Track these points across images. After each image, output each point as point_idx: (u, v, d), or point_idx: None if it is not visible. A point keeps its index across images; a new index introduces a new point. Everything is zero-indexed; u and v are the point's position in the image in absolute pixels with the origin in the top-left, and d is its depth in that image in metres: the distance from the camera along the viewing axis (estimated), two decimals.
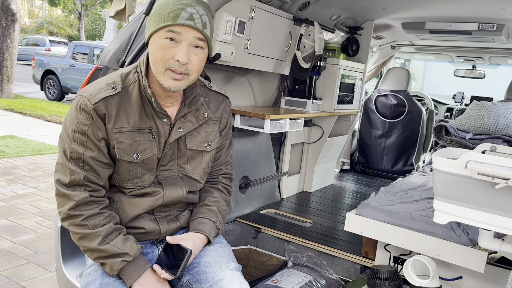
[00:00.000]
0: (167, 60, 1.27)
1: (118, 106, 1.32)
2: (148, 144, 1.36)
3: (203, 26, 1.29)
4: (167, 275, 1.29)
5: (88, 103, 1.28)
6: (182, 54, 1.26)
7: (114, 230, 1.31)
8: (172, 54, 1.27)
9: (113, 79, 1.35)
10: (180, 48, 1.27)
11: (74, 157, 1.29)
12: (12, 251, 3.04)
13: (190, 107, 1.42)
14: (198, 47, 1.30)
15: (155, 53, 1.28)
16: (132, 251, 1.30)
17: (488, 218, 1.21)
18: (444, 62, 5.61)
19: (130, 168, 1.35)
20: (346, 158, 4.50)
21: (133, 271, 1.29)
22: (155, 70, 1.30)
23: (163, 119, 1.37)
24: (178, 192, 1.42)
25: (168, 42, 1.27)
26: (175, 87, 1.30)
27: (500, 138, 2.50)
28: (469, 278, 1.89)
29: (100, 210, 1.31)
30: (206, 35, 1.30)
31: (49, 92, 11.37)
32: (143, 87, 1.34)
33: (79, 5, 24.66)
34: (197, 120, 1.44)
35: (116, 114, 1.31)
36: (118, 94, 1.32)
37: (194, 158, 1.46)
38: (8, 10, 9.61)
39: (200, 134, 1.46)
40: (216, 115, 1.51)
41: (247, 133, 2.81)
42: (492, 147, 1.41)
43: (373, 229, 1.99)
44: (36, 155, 5.77)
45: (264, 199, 3.01)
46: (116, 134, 1.31)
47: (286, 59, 2.84)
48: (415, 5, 2.90)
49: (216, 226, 1.47)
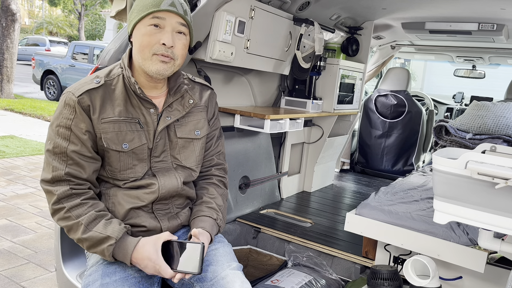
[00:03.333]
0: (153, 45, 1.33)
1: (102, 98, 1.36)
2: (136, 134, 1.38)
3: (184, 12, 1.38)
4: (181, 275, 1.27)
5: (73, 97, 1.32)
6: (167, 37, 1.33)
7: (97, 217, 1.31)
8: (157, 38, 1.33)
9: (97, 74, 1.41)
10: (164, 33, 1.34)
11: (58, 152, 1.32)
12: (12, 251, 3.04)
13: (175, 96, 1.47)
14: (181, 33, 1.38)
15: (141, 40, 1.34)
16: (114, 233, 1.28)
17: (488, 218, 1.21)
18: (444, 62, 5.61)
19: (120, 158, 1.37)
20: (346, 158, 4.50)
21: (124, 251, 1.29)
22: (142, 57, 1.35)
23: (149, 109, 1.41)
24: (173, 182, 1.43)
25: (152, 28, 1.34)
26: (163, 70, 1.36)
27: (500, 138, 2.50)
28: (469, 278, 1.89)
29: (82, 200, 1.31)
30: (187, 21, 1.39)
31: (49, 92, 11.37)
32: (127, 78, 1.39)
33: (79, 5, 24.64)
34: (183, 108, 1.49)
35: (100, 105, 1.35)
36: (102, 87, 1.37)
37: (186, 147, 1.49)
38: (8, 10, 9.61)
39: (189, 122, 1.50)
40: (202, 103, 1.56)
41: (247, 133, 2.81)
42: (492, 147, 1.41)
43: (373, 229, 1.99)
44: (36, 155, 5.77)
45: (264, 199, 3.01)
46: (102, 124, 1.34)
47: (286, 59, 2.84)
48: (415, 5, 2.90)
49: (217, 223, 1.48)
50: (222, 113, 2.53)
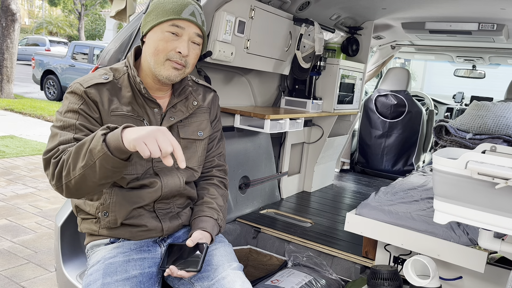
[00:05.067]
0: (168, 51, 1.34)
1: (109, 93, 1.36)
2: None
3: (202, 23, 1.40)
4: (184, 272, 1.28)
5: (81, 87, 1.32)
6: (183, 47, 1.35)
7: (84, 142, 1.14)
8: (173, 46, 1.35)
9: (104, 71, 1.41)
10: (181, 41, 1.35)
11: (66, 125, 1.26)
12: (12, 251, 3.04)
13: (180, 97, 1.48)
14: (196, 43, 1.40)
15: (156, 44, 1.35)
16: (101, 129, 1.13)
17: (488, 218, 1.21)
18: (444, 62, 5.61)
19: None
20: (346, 158, 4.50)
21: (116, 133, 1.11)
22: (155, 61, 1.35)
23: (154, 109, 1.42)
24: (175, 181, 1.44)
25: (170, 35, 1.35)
26: (173, 77, 1.37)
27: (500, 138, 2.50)
28: (469, 278, 1.89)
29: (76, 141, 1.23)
30: (204, 32, 1.41)
31: (49, 92, 11.37)
32: (132, 77, 1.39)
33: (79, 5, 24.64)
34: (187, 109, 1.50)
35: (108, 100, 1.35)
36: (110, 83, 1.37)
37: (189, 148, 1.49)
38: (8, 10, 9.61)
39: (192, 123, 1.51)
40: (206, 105, 1.57)
41: (247, 133, 2.82)
42: (492, 147, 1.41)
43: (373, 229, 1.99)
44: (36, 155, 5.77)
45: (264, 199, 3.01)
46: (112, 117, 1.34)
47: (286, 59, 2.84)
48: (415, 5, 2.90)
49: (218, 223, 1.49)
50: (222, 113, 2.53)
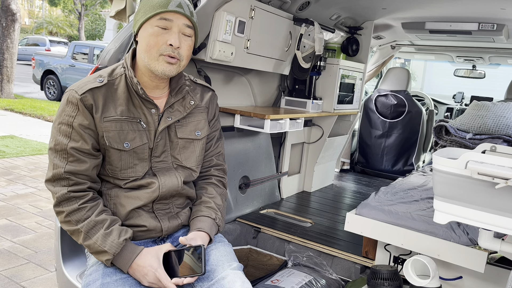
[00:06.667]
0: (160, 46, 1.35)
1: (105, 97, 1.36)
2: (137, 133, 1.39)
3: (190, 14, 1.40)
4: (190, 278, 1.29)
5: (76, 95, 1.33)
6: (174, 38, 1.35)
7: (96, 224, 1.31)
8: (164, 39, 1.35)
9: (100, 73, 1.41)
10: (171, 34, 1.36)
11: (59, 149, 1.33)
12: (12, 251, 3.04)
13: (177, 97, 1.48)
14: (187, 34, 1.40)
15: (147, 40, 1.36)
16: (111, 249, 1.29)
17: (488, 218, 1.21)
18: (444, 62, 5.61)
19: (122, 157, 1.37)
20: (346, 158, 4.49)
21: (125, 260, 1.31)
22: (149, 57, 1.36)
23: (151, 110, 1.42)
24: (173, 181, 1.44)
25: (159, 29, 1.35)
26: (168, 71, 1.37)
27: (500, 138, 2.50)
28: (469, 278, 1.89)
29: (80, 205, 1.31)
30: (194, 23, 1.41)
31: (49, 92, 11.37)
32: (129, 78, 1.40)
33: (79, 5, 24.64)
34: (184, 109, 1.50)
35: (103, 105, 1.35)
36: (105, 86, 1.37)
37: (186, 147, 1.50)
38: (8, 10, 9.61)
39: (190, 123, 1.51)
40: (203, 104, 1.57)
41: (247, 133, 2.81)
42: (492, 147, 1.41)
43: (373, 229, 1.99)
44: (36, 155, 5.77)
45: (264, 199, 3.01)
46: (105, 123, 1.35)
47: (286, 59, 2.84)
48: (415, 5, 2.90)
49: (216, 223, 1.49)
50: (222, 113, 2.53)
